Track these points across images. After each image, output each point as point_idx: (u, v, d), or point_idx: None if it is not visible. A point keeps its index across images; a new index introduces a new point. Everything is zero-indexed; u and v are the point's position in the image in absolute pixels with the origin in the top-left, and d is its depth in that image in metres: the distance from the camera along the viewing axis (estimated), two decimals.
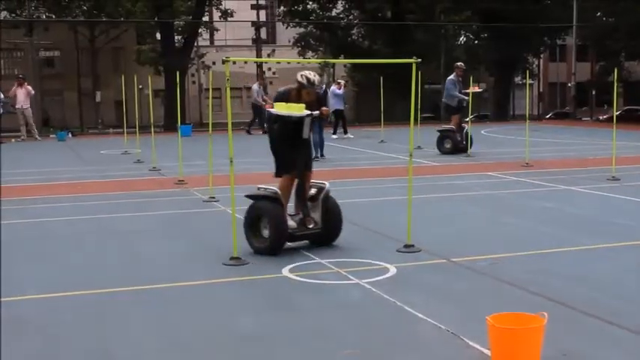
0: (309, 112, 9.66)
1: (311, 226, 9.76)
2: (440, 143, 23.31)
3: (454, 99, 22.74)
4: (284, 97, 9.91)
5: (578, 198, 14.26)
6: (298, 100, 9.77)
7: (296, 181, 9.96)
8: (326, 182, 10.14)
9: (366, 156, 23.43)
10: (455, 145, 22.74)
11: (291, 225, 9.70)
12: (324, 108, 10.21)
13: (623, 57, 51.01)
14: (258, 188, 9.87)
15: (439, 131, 23.53)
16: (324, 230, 9.92)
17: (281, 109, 9.74)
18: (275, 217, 9.42)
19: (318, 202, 9.91)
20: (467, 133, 22.76)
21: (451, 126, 23.14)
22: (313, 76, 9.90)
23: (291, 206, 10.14)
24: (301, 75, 9.87)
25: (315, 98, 10.08)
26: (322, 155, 22.62)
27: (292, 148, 9.89)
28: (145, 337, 6.61)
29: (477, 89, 23.17)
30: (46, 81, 49.16)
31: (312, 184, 10.06)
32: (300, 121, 9.71)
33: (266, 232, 9.55)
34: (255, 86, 33.89)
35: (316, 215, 9.87)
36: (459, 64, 23.60)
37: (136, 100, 25.06)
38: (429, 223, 11.69)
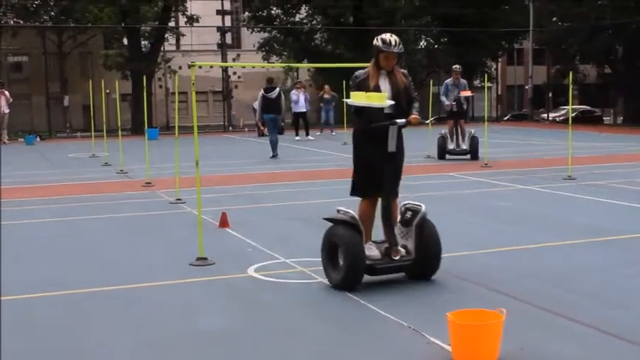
0: (392, 102, 7.80)
1: (397, 258, 7.91)
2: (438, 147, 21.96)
3: (444, 104, 21.84)
4: (362, 82, 8.04)
5: (535, 197, 14.35)
6: (378, 75, 7.96)
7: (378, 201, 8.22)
8: (422, 204, 8.10)
9: (329, 157, 23.43)
10: (441, 150, 21.57)
11: (373, 255, 7.90)
12: (413, 116, 8.06)
13: (578, 60, 51.47)
14: (338, 211, 8.09)
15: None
16: (418, 262, 8.00)
17: (358, 98, 7.87)
18: (350, 247, 7.69)
19: (411, 228, 8.04)
20: (473, 137, 21.28)
21: (444, 130, 21.82)
22: (390, 36, 7.96)
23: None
24: (376, 38, 7.99)
25: (396, 63, 8.04)
26: (276, 155, 23.08)
27: (374, 162, 8.01)
28: (114, 337, 6.56)
29: (468, 93, 21.87)
30: (14, 85, 48.76)
31: (409, 207, 8.17)
32: (383, 126, 7.83)
33: (342, 263, 7.84)
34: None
35: (409, 243, 8.03)
36: (454, 67, 22.31)
37: (103, 105, 24.93)
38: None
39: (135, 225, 12.22)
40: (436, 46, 52.18)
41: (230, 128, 43.19)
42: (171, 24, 49.46)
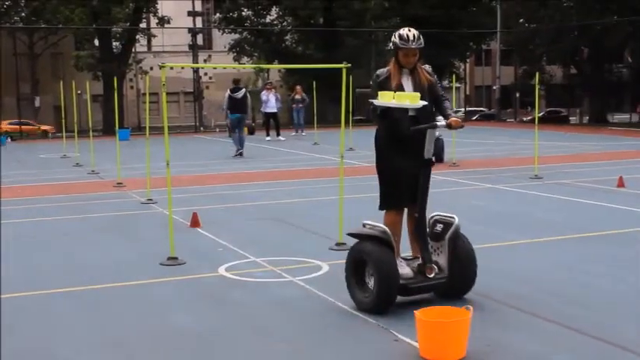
0: (425, 102, 7.03)
1: (432, 276, 7.07)
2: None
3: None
4: (384, 81, 7.27)
5: (503, 196, 14.43)
6: (399, 74, 7.23)
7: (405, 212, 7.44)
8: (455, 216, 7.30)
9: (299, 158, 23.43)
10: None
11: (406, 274, 7.05)
12: (453, 118, 7.23)
13: (545, 61, 51.87)
14: (364, 225, 7.21)
15: None
16: (452, 279, 7.16)
17: (386, 99, 7.04)
18: (382, 265, 6.81)
19: (444, 242, 7.20)
20: (437, 139, 20.76)
21: None
22: (407, 30, 7.22)
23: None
24: (393, 34, 7.28)
25: (418, 59, 7.32)
26: (241, 153, 23.51)
27: (407, 170, 7.17)
28: (85, 337, 6.53)
29: None
30: None
31: (439, 219, 7.34)
32: (419, 128, 7.01)
33: (371, 282, 6.99)
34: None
35: (441, 259, 7.21)
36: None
37: (74, 105, 24.78)
38: (360, 221, 11.69)
39: (106, 225, 12.16)
40: None
41: (201, 129, 43.14)
42: (143, 25, 49.25)
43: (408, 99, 6.95)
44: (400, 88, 7.14)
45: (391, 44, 7.28)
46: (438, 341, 5.71)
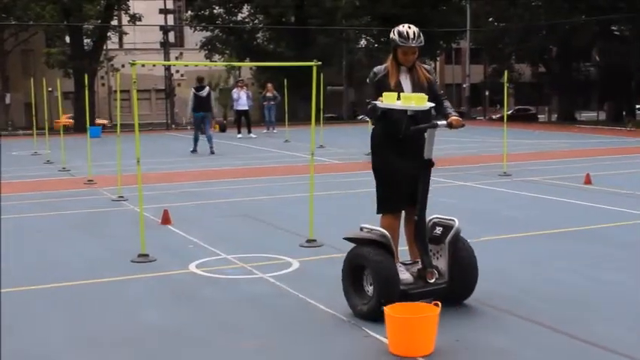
0: (431, 104, 6.71)
1: (433, 281, 6.76)
2: None
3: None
4: (382, 79, 6.93)
5: (472, 193, 14.49)
6: (398, 72, 6.90)
7: (403, 216, 7.17)
8: (455, 219, 6.98)
9: (270, 155, 23.43)
10: None
11: (406, 279, 6.73)
12: (454, 117, 6.89)
13: (514, 59, 52.14)
14: (362, 228, 6.91)
15: None
16: (452, 284, 6.84)
17: (391, 100, 6.64)
18: (381, 270, 6.50)
19: (443, 246, 6.89)
20: None
21: None
22: (407, 27, 6.80)
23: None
24: (392, 31, 6.86)
25: (417, 57, 6.94)
26: (213, 152, 23.75)
27: (406, 171, 6.88)
28: (54, 334, 6.49)
29: None
30: None
31: (438, 221, 7.05)
32: (419, 128, 6.73)
33: (369, 289, 6.69)
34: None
35: (440, 264, 6.91)
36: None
37: (45, 103, 24.62)
38: (331, 218, 11.74)
39: (77, 222, 12.09)
40: (376, 45, 52.41)
41: (173, 126, 42.98)
42: (114, 22, 48.99)
43: (414, 100, 6.58)
44: (399, 86, 6.85)
45: (390, 41, 6.91)
46: (406, 337, 5.73)
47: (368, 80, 7.06)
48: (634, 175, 17.22)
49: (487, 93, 51.47)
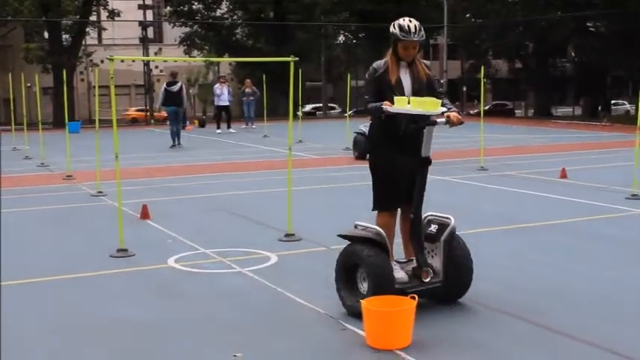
0: (444, 109, 6.53)
1: (428, 280, 6.60)
2: (354, 147, 19.89)
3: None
4: (382, 75, 6.73)
5: (450, 187, 14.52)
6: (397, 67, 6.71)
7: (399, 214, 6.99)
8: (451, 217, 6.87)
9: (249, 150, 23.39)
10: (364, 150, 17.85)
11: (400, 278, 6.58)
12: (453, 113, 6.61)
13: (491, 55, 52.31)
14: (356, 226, 6.70)
15: (356, 132, 19.53)
16: (447, 283, 6.71)
17: (402, 105, 6.41)
18: (376, 269, 6.35)
19: (439, 245, 6.75)
20: None
21: (362, 129, 18.47)
22: (408, 21, 6.64)
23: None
24: (392, 24, 6.69)
25: (417, 52, 6.77)
26: (179, 144, 24.28)
27: (404, 169, 6.67)
28: (35, 328, 6.47)
29: None
30: None
31: (433, 219, 6.91)
32: (418, 128, 6.53)
33: (363, 287, 6.52)
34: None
35: (435, 262, 6.76)
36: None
37: (23, 98, 24.49)
38: (309, 213, 11.75)
39: (55, 217, 12.04)
40: (354, 41, 52.46)
41: (152, 121, 42.82)
42: (93, 18, 48.76)
43: (431, 106, 6.38)
44: (399, 83, 6.67)
45: (391, 35, 6.69)
46: (383, 330, 5.74)
47: (367, 75, 6.84)
48: (609, 169, 17.33)
49: (464, 89, 51.61)
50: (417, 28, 6.56)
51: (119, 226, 9.24)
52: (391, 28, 6.65)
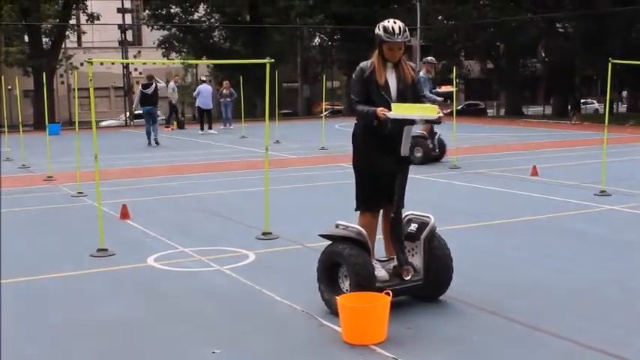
0: (442, 114, 6.39)
1: (409, 278, 6.60)
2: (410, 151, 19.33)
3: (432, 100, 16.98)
4: (370, 76, 6.62)
5: (424, 185, 14.53)
6: (384, 69, 6.63)
7: (381, 214, 6.94)
8: (431, 216, 6.91)
9: (227, 150, 23.32)
10: (426, 153, 17.96)
11: (382, 276, 6.57)
12: (440, 114, 6.38)
13: (463, 56, 52.43)
14: (337, 225, 6.71)
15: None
16: (427, 281, 6.72)
17: (404, 111, 6.36)
18: (358, 268, 6.33)
19: (419, 243, 6.77)
20: (439, 139, 18.32)
21: (422, 132, 17.91)
22: (393, 22, 6.55)
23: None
24: (377, 26, 6.59)
25: (402, 54, 6.70)
26: (157, 142, 25.30)
27: (385, 168, 6.66)
28: (15, 328, 6.41)
29: (449, 88, 19.01)
30: None
31: (413, 218, 6.94)
32: (398, 128, 6.47)
33: (345, 286, 6.53)
34: (171, 84, 33.57)
35: (416, 260, 6.77)
36: (428, 58, 19.01)
37: (4, 101, 24.32)
38: (286, 211, 11.74)
39: (36, 218, 11.95)
40: (330, 43, 52.48)
41: (131, 123, 42.62)
42: (73, 21, 48.48)
43: (430, 111, 6.36)
44: (386, 85, 6.61)
45: (376, 37, 6.59)
46: (359, 325, 5.75)
47: (354, 76, 6.74)
48: (579, 166, 17.41)
49: (455, 89, 51.67)
50: (402, 30, 6.50)
51: (99, 225, 9.19)
52: (376, 30, 6.57)
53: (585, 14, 38.22)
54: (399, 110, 6.30)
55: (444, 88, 18.71)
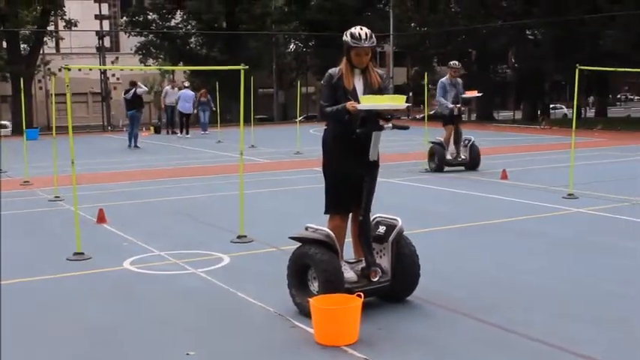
0: (409, 104, 6.51)
1: (376, 279, 6.64)
2: (429, 159, 17.53)
3: (443, 107, 17.44)
4: (338, 82, 6.66)
5: (396, 189, 14.57)
6: (352, 74, 6.67)
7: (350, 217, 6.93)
8: (398, 218, 6.97)
9: (203, 155, 23.29)
10: (440, 161, 17.16)
11: (350, 278, 6.59)
12: (408, 104, 6.58)
13: (436, 62, 52.61)
14: (307, 228, 6.74)
15: (430, 142, 17.66)
16: (394, 282, 6.78)
17: (373, 101, 6.41)
18: (326, 269, 6.34)
19: (387, 245, 6.82)
20: (472, 145, 17.55)
21: (439, 139, 17.41)
22: (359, 29, 6.65)
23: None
24: (344, 33, 6.70)
25: (370, 59, 6.73)
26: (136, 146, 26.07)
27: (354, 172, 6.68)
28: None
29: (476, 94, 18.54)
30: None
31: (381, 220, 6.98)
32: (365, 132, 6.51)
33: (314, 287, 6.54)
34: (167, 88, 34.17)
35: (384, 262, 6.82)
36: (452, 63, 18.22)
37: None
38: (261, 215, 11.73)
39: (13, 222, 11.84)
40: (304, 50, 52.51)
41: (109, 128, 42.42)
42: (51, 28, 48.21)
43: (397, 100, 6.42)
44: (354, 89, 6.63)
45: (343, 43, 6.65)
46: (331, 327, 5.75)
47: (323, 82, 6.79)
48: (547, 170, 17.52)
49: (410, 94, 51.82)
50: (368, 35, 6.55)
51: (76, 229, 9.14)
52: (344, 37, 6.63)
53: (554, 22, 38.46)
54: (368, 101, 6.34)
55: (469, 94, 18.16)
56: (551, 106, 51.01)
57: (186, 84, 36.32)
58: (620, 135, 30.19)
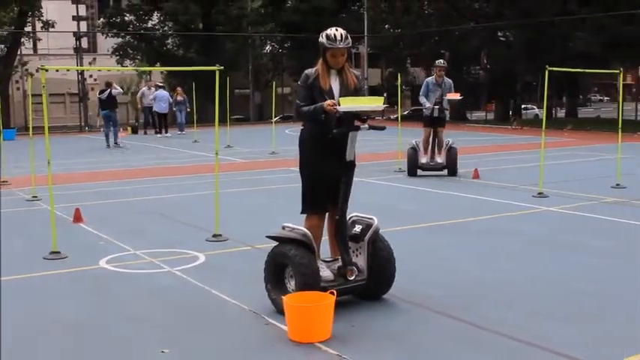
0: (386, 105, 6.65)
1: (353, 278, 6.61)
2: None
3: (424, 106, 17.35)
4: (314, 82, 6.65)
5: (370, 188, 14.59)
6: (328, 75, 6.65)
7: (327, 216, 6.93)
8: (374, 217, 6.98)
9: (180, 155, 23.24)
10: (412, 166, 16.45)
11: (326, 276, 6.57)
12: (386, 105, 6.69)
13: (409, 63, 52.79)
14: (284, 227, 6.73)
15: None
16: (370, 281, 6.77)
17: (354, 103, 6.41)
18: (303, 268, 6.34)
19: (363, 244, 6.82)
20: (451, 149, 16.75)
21: (414, 142, 16.89)
22: (334, 30, 6.63)
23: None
24: (320, 35, 6.67)
25: (346, 60, 6.72)
26: (116, 144, 26.45)
27: (330, 172, 6.64)
28: None
29: (455, 96, 17.96)
30: None
31: (357, 220, 6.99)
32: (342, 132, 6.46)
33: (291, 286, 6.54)
34: (144, 89, 33.95)
35: (360, 261, 6.80)
36: (438, 62, 18.12)
37: None
38: (237, 214, 11.71)
39: None
40: (280, 51, 52.50)
41: (87, 128, 42.20)
42: (28, 28, 47.89)
43: (375, 102, 6.46)
44: (330, 90, 6.61)
45: (319, 45, 6.62)
46: (304, 324, 5.75)
47: (300, 82, 6.77)
48: (518, 169, 17.63)
49: (385, 95, 51.93)
50: (343, 36, 6.54)
51: (52, 228, 9.09)
52: (319, 38, 6.61)
53: (525, 24, 38.68)
54: (347, 103, 6.31)
55: (451, 96, 17.90)
56: (522, 106, 51.29)
57: (159, 84, 36.17)
58: (590, 135, 30.41)
